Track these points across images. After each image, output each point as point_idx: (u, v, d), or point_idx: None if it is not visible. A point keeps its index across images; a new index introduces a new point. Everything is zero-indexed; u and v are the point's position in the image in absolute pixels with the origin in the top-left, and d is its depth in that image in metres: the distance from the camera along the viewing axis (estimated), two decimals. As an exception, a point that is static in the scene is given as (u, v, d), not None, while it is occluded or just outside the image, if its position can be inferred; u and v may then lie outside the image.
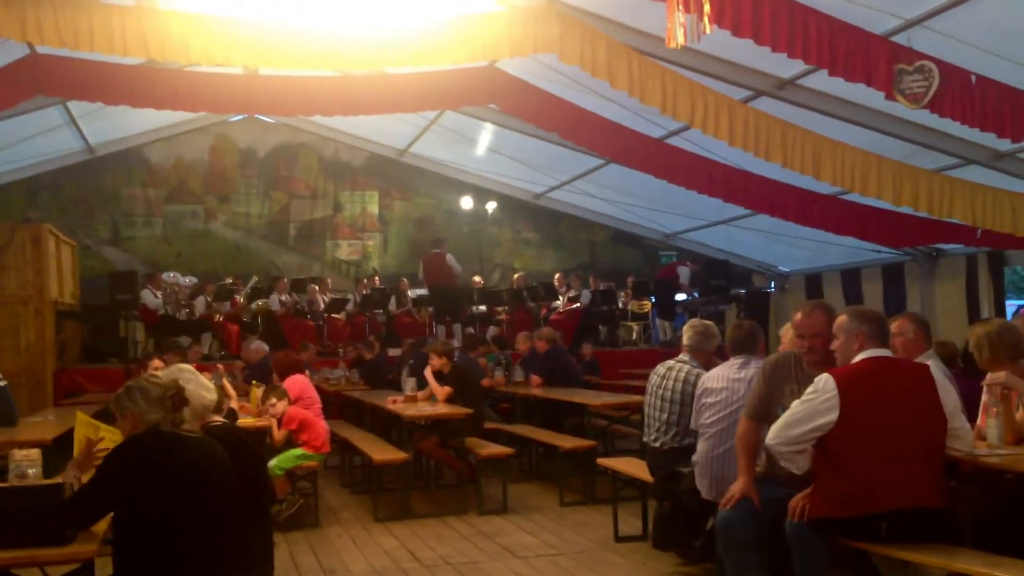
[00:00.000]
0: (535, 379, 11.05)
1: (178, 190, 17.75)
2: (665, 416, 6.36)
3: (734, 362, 5.69)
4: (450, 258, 17.03)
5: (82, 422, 4.70)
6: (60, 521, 3.41)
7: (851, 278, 15.70)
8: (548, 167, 15.75)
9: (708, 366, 6.33)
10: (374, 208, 18.73)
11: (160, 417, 3.51)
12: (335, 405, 11.84)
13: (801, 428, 4.33)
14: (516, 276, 17.35)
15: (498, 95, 11.95)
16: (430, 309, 16.16)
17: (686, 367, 6.39)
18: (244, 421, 7.85)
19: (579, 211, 18.42)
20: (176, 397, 3.56)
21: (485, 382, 11.25)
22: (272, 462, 7.79)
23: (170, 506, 3.33)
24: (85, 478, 3.90)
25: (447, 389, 9.42)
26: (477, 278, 17.29)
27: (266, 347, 12.16)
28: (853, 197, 11.02)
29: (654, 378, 6.56)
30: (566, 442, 9.04)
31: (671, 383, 6.38)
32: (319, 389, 9.90)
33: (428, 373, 9.61)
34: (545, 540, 7.40)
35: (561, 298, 16.66)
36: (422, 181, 18.71)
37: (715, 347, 6.53)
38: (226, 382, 9.29)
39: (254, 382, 9.31)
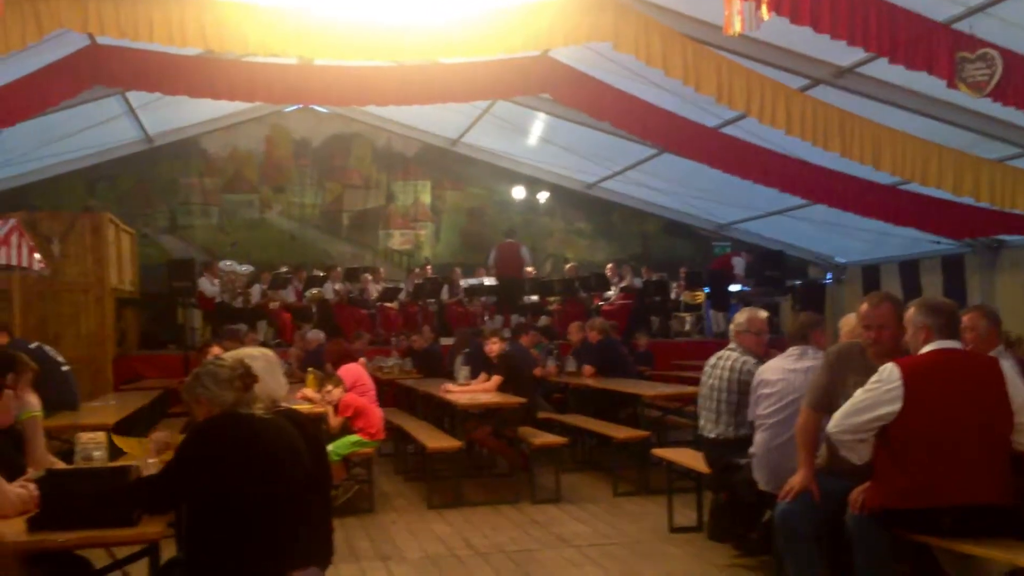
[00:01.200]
0: (588, 369, 11.03)
1: (234, 180, 17.93)
2: (714, 405, 6.33)
3: (791, 353, 5.63)
4: (524, 250, 17.07)
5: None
6: (140, 505, 3.43)
7: (910, 270, 15.46)
8: (600, 157, 15.69)
9: (760, 353, 6.30)
10: (426, 198, 18.77)
11: (234, 398, 3.52)
12: (388, 393, 11.90)
13: (863, 417, 4.27)
14: (568, 266, 17.31)
15: (551, 84, 11.93)
16: (483, 299, 16.20)
17: (734, 355, 6.35)
18: (300, 407, 7.91)
19: (632, 201, 18.33)
20: (245, 376, 3.57)
21: (537, 372, 11.24)
22: (328, 448, 7.84)
23: (247, 486, 3.33)
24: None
25: (497, 378, 9.43)
26: (529, 268, 17.28)
27: (323, 335, 12.28)
28: (913, 187, 10.86)
29: (706, 368, 6.54)
30: (620, 432, 9.01)
31: (720, 372, 6.35)
32: (372, 378, 9.95)
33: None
34: (599, 530, 7.38)
35: (613, 288, 16.60)
36: (474, 171, 18.72)
37: (756, 328, 6.44)
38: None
39: (310, 369, 9.38)
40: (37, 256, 10.37)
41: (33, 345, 7.66)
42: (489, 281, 16.74)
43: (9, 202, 14.99)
